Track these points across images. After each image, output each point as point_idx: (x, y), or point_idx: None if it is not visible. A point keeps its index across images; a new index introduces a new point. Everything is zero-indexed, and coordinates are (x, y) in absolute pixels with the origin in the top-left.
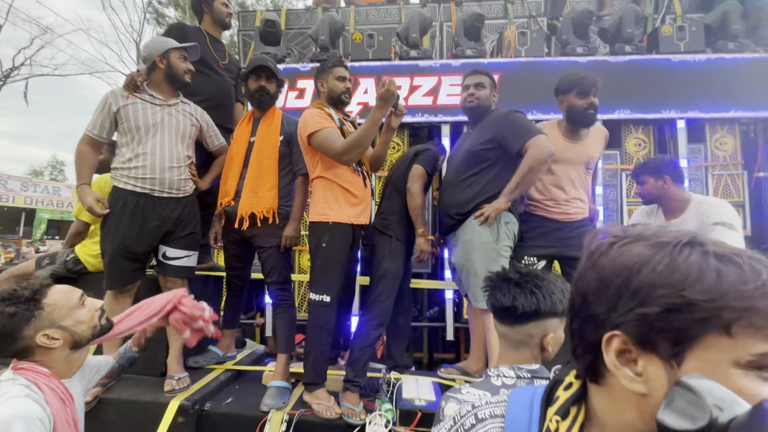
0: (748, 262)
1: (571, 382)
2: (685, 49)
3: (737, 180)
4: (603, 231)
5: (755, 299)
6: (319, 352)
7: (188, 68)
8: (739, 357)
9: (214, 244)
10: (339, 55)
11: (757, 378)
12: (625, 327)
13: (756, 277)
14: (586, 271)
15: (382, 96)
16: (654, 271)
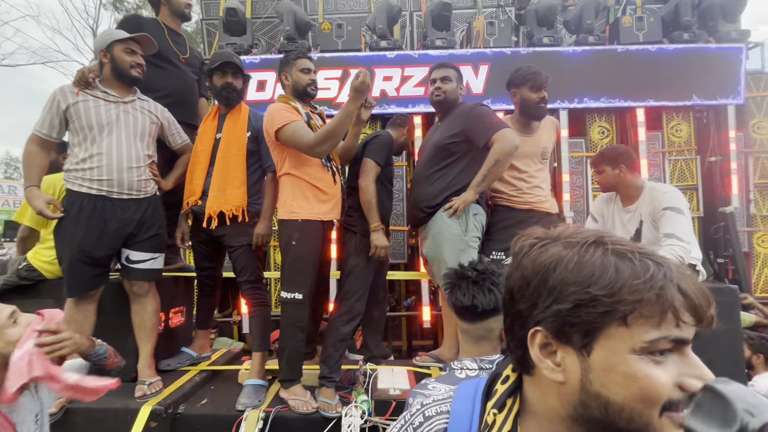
0: (640, 257)
1: (508, 375)
2: (643, 40)
3: (691, 165)
4: (527, 234)
5: (643, 292)
6: (294, 349)
7: (136, 62)
8: (635, 344)
9: (181, 245)
10: (308, 46)
11: (651, 362)
12: (544, 323)
13: (645, 271)
14: (512, 271)
15: (357, 88)
16: (566, 270)
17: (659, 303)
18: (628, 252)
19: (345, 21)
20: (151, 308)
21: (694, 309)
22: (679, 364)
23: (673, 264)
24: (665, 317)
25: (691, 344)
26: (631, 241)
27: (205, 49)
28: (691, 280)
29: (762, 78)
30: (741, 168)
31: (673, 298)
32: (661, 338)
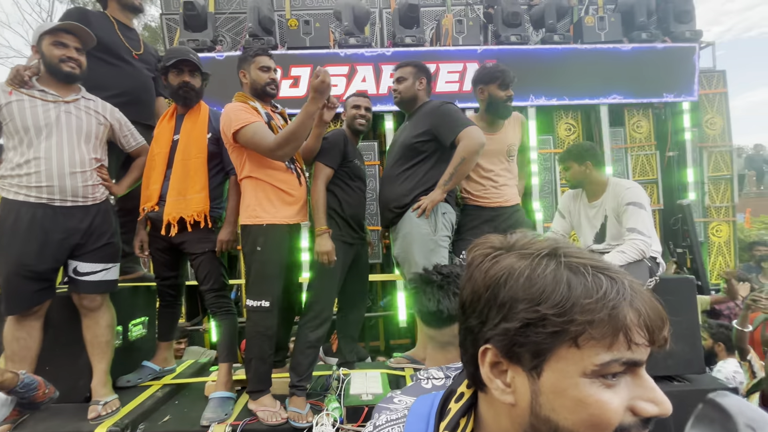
0: (593, 272)
1: (462, 392)
2: (605, 39)
3: (651, 159)
4: (481, 242)
5: (594, 312)
6: (261, 359)
7: (66, 55)
8: (586, 367)
9: (140, 254)
10: (274, 43)
11: (602, 385)
12: (494, 341)
13: (597, 289)
14: (464, 284)
15: (316, 87)
16: (516, 285)
17: (611, 324)
18: (582, 266)
19: (313, 17)
20: (104, 322)
21: (648, 330)
22: (631, 386)
23: (627, 280)
24: (617, 339)
25: (644, 365)
26: (588, 251)
27: (165, 45)
28: (646, 299)
29: (714, 76)
30: (696, 162)
31: (626, 318)
32: (613, 361)
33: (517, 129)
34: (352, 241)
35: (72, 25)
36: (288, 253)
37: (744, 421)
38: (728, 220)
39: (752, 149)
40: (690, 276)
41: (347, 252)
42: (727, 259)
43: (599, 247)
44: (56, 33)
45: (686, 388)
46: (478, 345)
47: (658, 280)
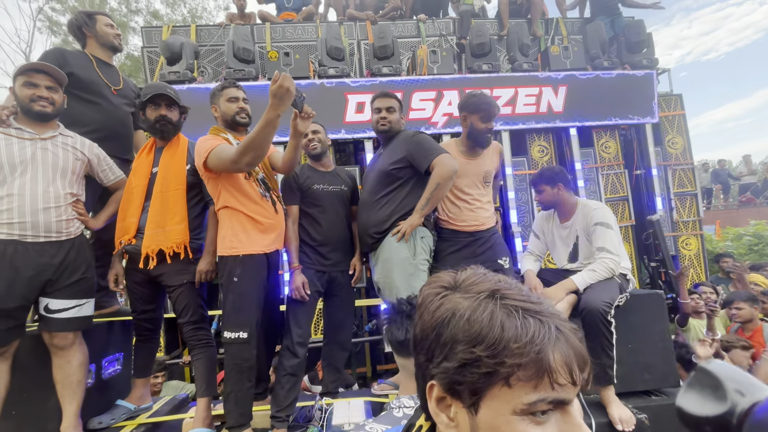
0: (523, 315)
1: (421, 425)
2: (570, 66)
3: (621, 178)
4: (431, 281)
5: (522, 356)
6: (240, 392)
7: (36, 95)
8: (516, 405)
9: (114, 288)
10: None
11: (531, 422)
12: (438, 377)
13: (526, 333)
14: (416, 322)
15: (274, 93)
16: (457, 326)
17: (537, 366)
18: (515, 309)
19: (293, 49)
20: (76, 361)
21: (570, 372)
22: (560, 423)
23: (555, 324)
24: (542, 380)
25: (572, 402)
26: (527, 292)
27: (146, 78)
28: (570, 342)
29: (671, 99)
30: (662, 179)
31: (550, 361)
32: (539, 400)
33: (495, 157)
34: (323, 269)
35: (41, 64)
36: (266, 283)
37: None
38: (696, 233)
39: (717, 164)
40: (659, 291)
41: (319, 279)
42: (698, 271)
43: (573, 265)
44: (27, 73)
45: (663, 402)
46: (426, 380)
47: (628, 297)
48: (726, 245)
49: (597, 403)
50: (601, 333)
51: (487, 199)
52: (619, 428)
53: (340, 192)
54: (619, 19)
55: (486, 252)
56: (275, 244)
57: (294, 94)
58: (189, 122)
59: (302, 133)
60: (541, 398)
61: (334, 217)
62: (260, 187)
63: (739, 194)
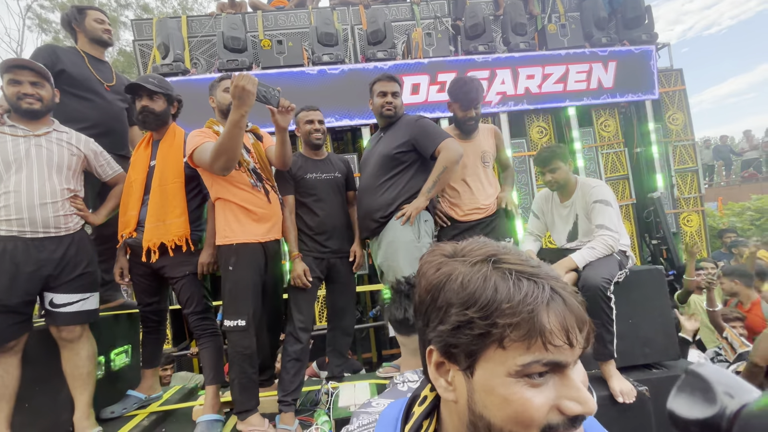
0: (517, 277)
1: (426, 395)
2: (568, 45)
3: (621, 156)
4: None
5: (513, 316)
6: (244, 378)
7: (21, 92)
8: (510, 367)
9: (120, 281)
10: (248, 64)
11: (526, 384)
12: (434, 342)
13: (517, 293)
14: (415, 289)
15: (232, 93)
16: (451, 290)
17: (528, 326)
18: (509, 271)
19: (285, 37)
20: (85, 353)
21: (566, 333)
22: (558, 386)
23: (550, 284)
24: (535, 341)
25: (572, 365)
26: (526, 256)
27: (139, 71)
28: (568, 303)
29: (672, 74)
30: (663, 156)
31: (543, 321)
32: (534, 362)
33: (490, 138)
34: (321, 256)
35: (21, 60)
36: (264, 271)
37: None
38: (697, 210)
39: (719, 141)
40: (659, 266)
41: (318, 266)
42: (700, 247)
43: (572, 244)
44: (10, 70)
45: (664, 375)
46: (426, 346)
47: (628, 273)
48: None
49: (599, 377)
50: (601, 309)
51: (488, 181)
52: (620, 400)
53: (333, 179)
54: None
55: (489, 235)
56: (272, 233)
57: (253, 92)
58: (186, 115)
59: (284, 128)
60: (536, 359)
61: (330, 204)
62: (251, 177)
63: (741, 170)
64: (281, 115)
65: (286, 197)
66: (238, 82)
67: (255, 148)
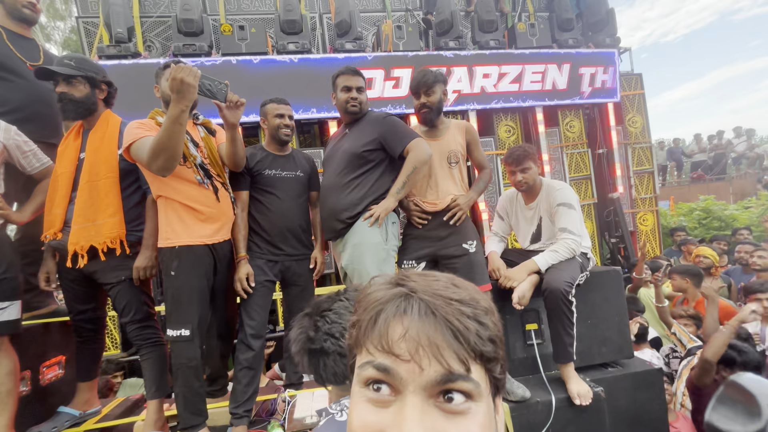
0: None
1: None
2: (536, 45)
3: (584, 157)
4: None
5: (366, 312)
6: (189, 392)
7: None
8: (359, 373)
9: (45, 287)
10: (206, 49)
11: (367, 400)
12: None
13: (383, 295)
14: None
15: (170, 87)
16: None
17: (371, 324)
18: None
19: (248, 22)
20: (3, 370)
21: (407, 347)
22: (395, 413)
23: (431, 299)
24: (377, 342)
25: (414, 391)
26: (446, 284)
27: (85, 52)
28: (435, 326)
29: (632, 78)
30: (622, 157)
31: (389, 322)
32: (367, 362)
33: (459, 136)
34: (275, 258)
35: None
36: (213, 275)
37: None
38: (652, 209)
39: (672, 143)
40: (617, 267)
41: (271, 269)
42: (654, 245)
43: (537, 246)
44: None
45: (619, 373)
46: None
47: (588, 275)
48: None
49: (558, 378)
50: (562, 312)
51: (455, 181)
52: (577, 403)
53: (295, 178)
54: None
55: (450, 236)
56: (221, 234)
57: (194, 84)
58: (134, 102)
59: (234, 125)
60: (369, 360)
61: (288, 204)
62: (198, 173)
63: (690, 171)
64: (229, 110)
65: (238, 192)
66: (177, 74)
67: (206, 142)
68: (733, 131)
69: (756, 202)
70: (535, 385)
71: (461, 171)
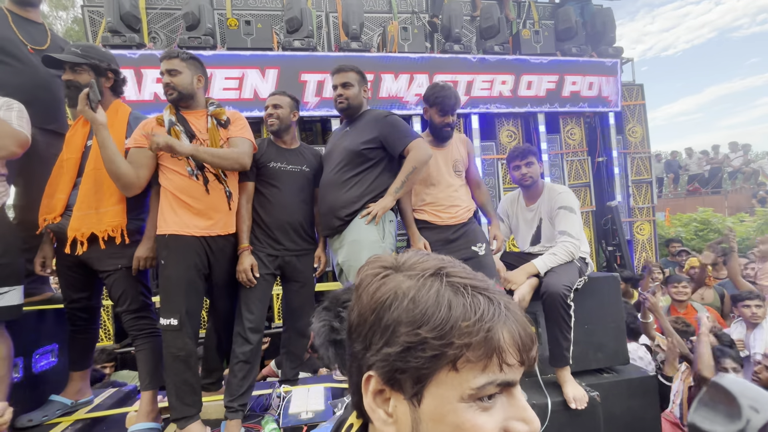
0: (473, 293)
1: (352, 423)
2: (540, 51)
3: (584, 164)
4: (370, 262)
5: (471, 335)
6: (180, 382)
7: None
8: (464, 391)
9: (41, 272)
10: (212, 43)
11: (478, 409)
12: (376, 367)
13: (475, 311)
14: (352, 306)
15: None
16: (400, 308)
17: (486, 346)
18: (462, 286)
19: (255, 18)
20: None
21: (519, 350)
22: (506, 407)
23: (504, 300)
24: (491, 361)
25: (517, 384)
26: (470, 270)
27: (89, 39)
28: (519, 320)
29: (633, 89)
30: (622, 166)
31: (500, 340)
32: (488, 383)
33: (462, 148)
34: (276, 253)
35: None
36: (208, 268)
37: (748, 402)
38: (649, 219)
39: (669, 155)
40: (615, 274)
41: (272, 263)
42: (650, 254)
43: (536, 248)
44: None
45: (614, 379)
46: (362, 372)
47: (587, 280)
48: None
49: (553, 382)
50: (560, 316)
51: (458, 187)
52: (572, 406)
53: (300, 173)
54: (588, 6)
55: (460, 238)
56: (216, 228)
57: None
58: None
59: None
60: (490, 381)
61: (291, 199)
62: (189, 164)
63: (687, 184)
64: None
65: (244, 183)
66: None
67: (211, 134)
68: (729, 146)
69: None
70: (531, 387)
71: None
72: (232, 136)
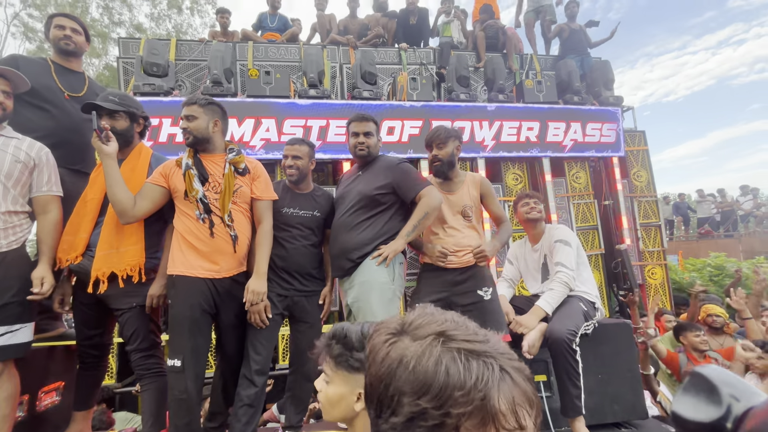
0: (466, 358)
1: None
2: (543, 100)
3: (591, 207)
4: (381, 327)
5: (466, 404)
6: (183, 426)
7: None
8: None
9: (59, 309)
10: (233, 91)
11: None
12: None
13: (468, 378)
14: (368, 369)
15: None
16: (402, 377)
17: (482, 413)
18: (457, 352)
19: (274, 68)
20: (3, 394)
21: (515, 415)
22: None
23: (500, 361)
24: (489, 428)
25: None
26: (473, 329)
27: (121, 89)
28: (516, 382)
29: (635, 135)
30: (629, 210)
31: (495, 406)
32: None
33: (474, 191)
34: (285, 293)
35: (4, 69)
36: (215, 310)
37: (728, 391)
38: (660, 263)
39: (677, 198)
40: (627, 321)
41: (281, 302)
42: (664, 299)
43: (544, 287)
44: None
45: None
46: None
47: (596, 325)
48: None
49: None
50: (567, 362)
51: (465, 231)
52: None
53: (311, 218)
54: (587, 59)
55: (466, 281)
56: (223, 271)
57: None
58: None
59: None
60: None
61: (302, 243)
62: (198, 207)
63: (697, 226)
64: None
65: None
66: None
67: (226, 179)
68: (740, 189)
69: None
70: None
71: (477, 224)
72: (258, 198)
